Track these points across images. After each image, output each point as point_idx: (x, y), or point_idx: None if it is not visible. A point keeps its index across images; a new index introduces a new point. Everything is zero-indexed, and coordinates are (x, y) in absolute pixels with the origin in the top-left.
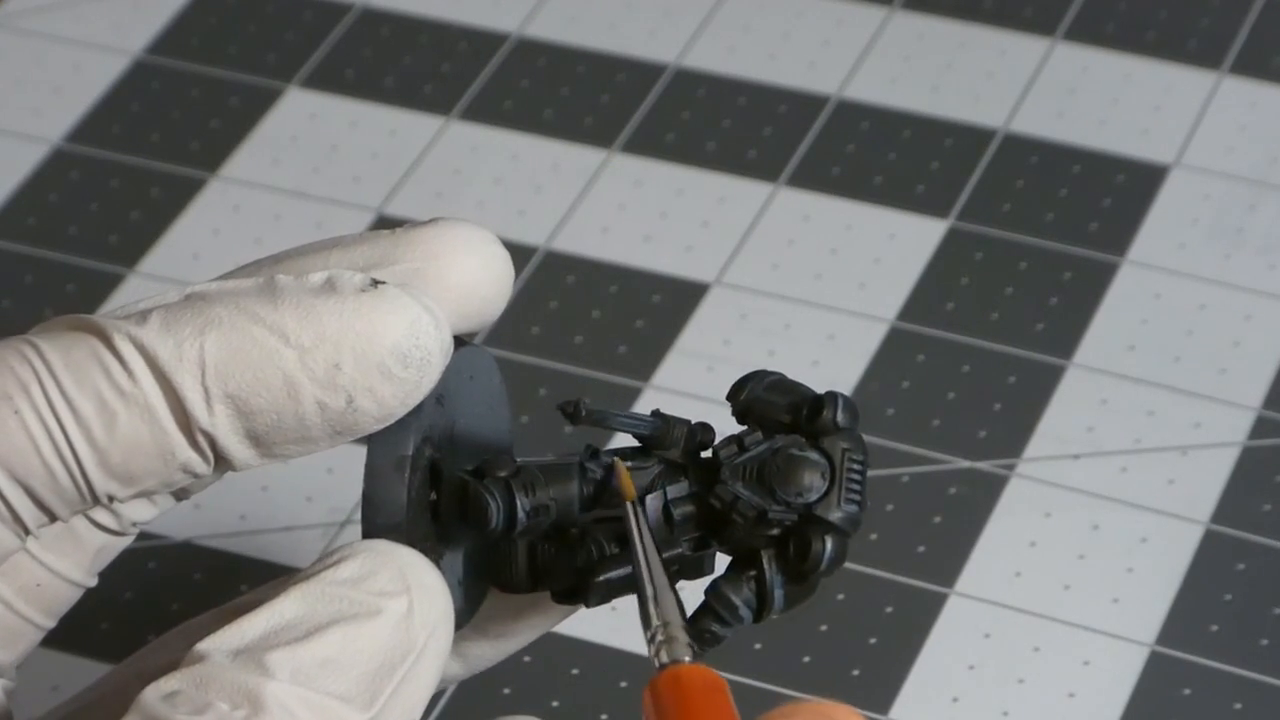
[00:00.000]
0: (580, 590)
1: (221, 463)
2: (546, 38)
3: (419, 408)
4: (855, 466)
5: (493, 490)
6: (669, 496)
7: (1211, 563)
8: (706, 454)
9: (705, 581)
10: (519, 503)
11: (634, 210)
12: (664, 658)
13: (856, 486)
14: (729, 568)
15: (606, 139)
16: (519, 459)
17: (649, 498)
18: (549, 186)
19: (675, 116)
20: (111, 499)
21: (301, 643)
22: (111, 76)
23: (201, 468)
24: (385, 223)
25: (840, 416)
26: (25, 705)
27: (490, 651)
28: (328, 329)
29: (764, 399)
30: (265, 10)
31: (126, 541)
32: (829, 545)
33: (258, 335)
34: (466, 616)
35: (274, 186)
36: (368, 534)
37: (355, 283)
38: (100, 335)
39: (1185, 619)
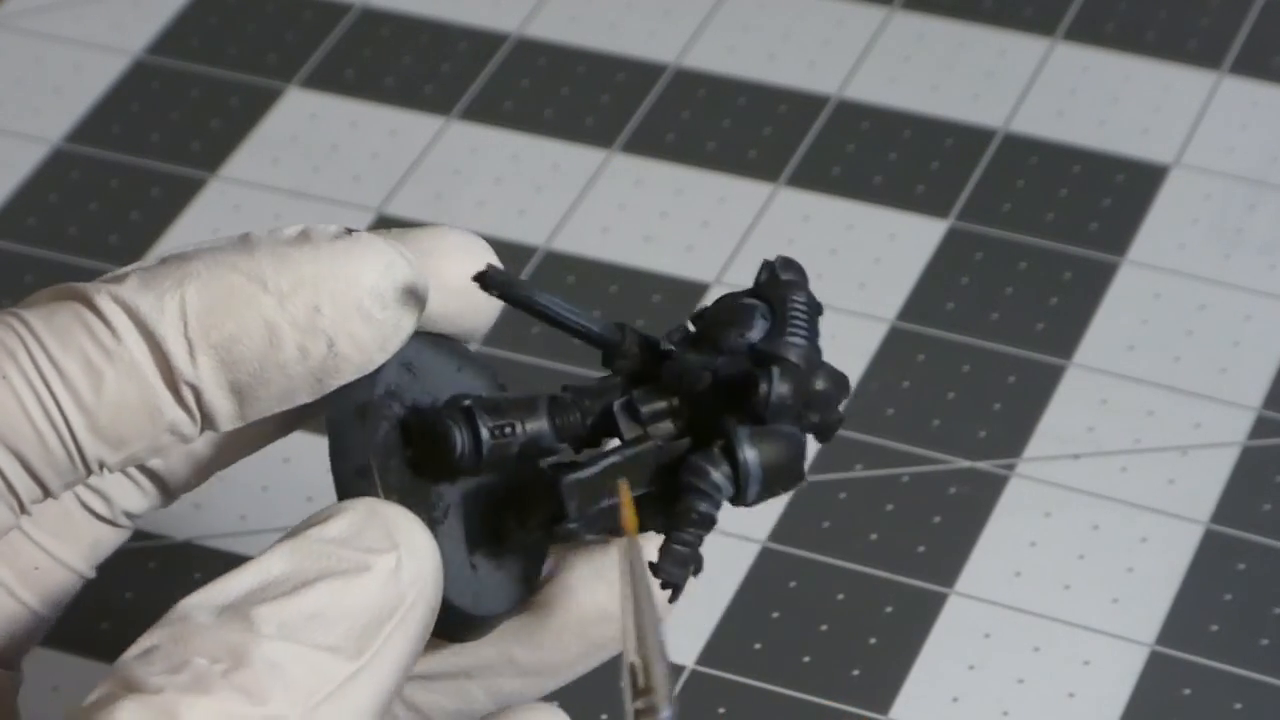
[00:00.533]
0: (560, 518)
1: (207, 422)
2: (546, 38)
3: (381, 366)
4: (798, 303)
5: (454, 416)
6: (636, 401)
7: (1211, 563)
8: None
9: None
10: (480, 422)
11: (634, 210)
12: None
13: (800, 320)
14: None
15: (606, 139)
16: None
17: (616, 404)
18: (549, 186)
19: (675, 116)
20: (102, 466)
21: (288, 597)
22: (111, 76)
23: (188, 427)
24: (385, 223)
25: (781, 272)
26: (24, 706)
27: (519, 686)
28: (305, 273)
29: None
30: (265, 10)
31: (123, 537)
32: (775, 375)
33: (236, 283)
34: (488, 593)
35: (274, 186)
36: (339, 485)
37: (330, 232)
38: (82, 298)
39: (1185, 619)
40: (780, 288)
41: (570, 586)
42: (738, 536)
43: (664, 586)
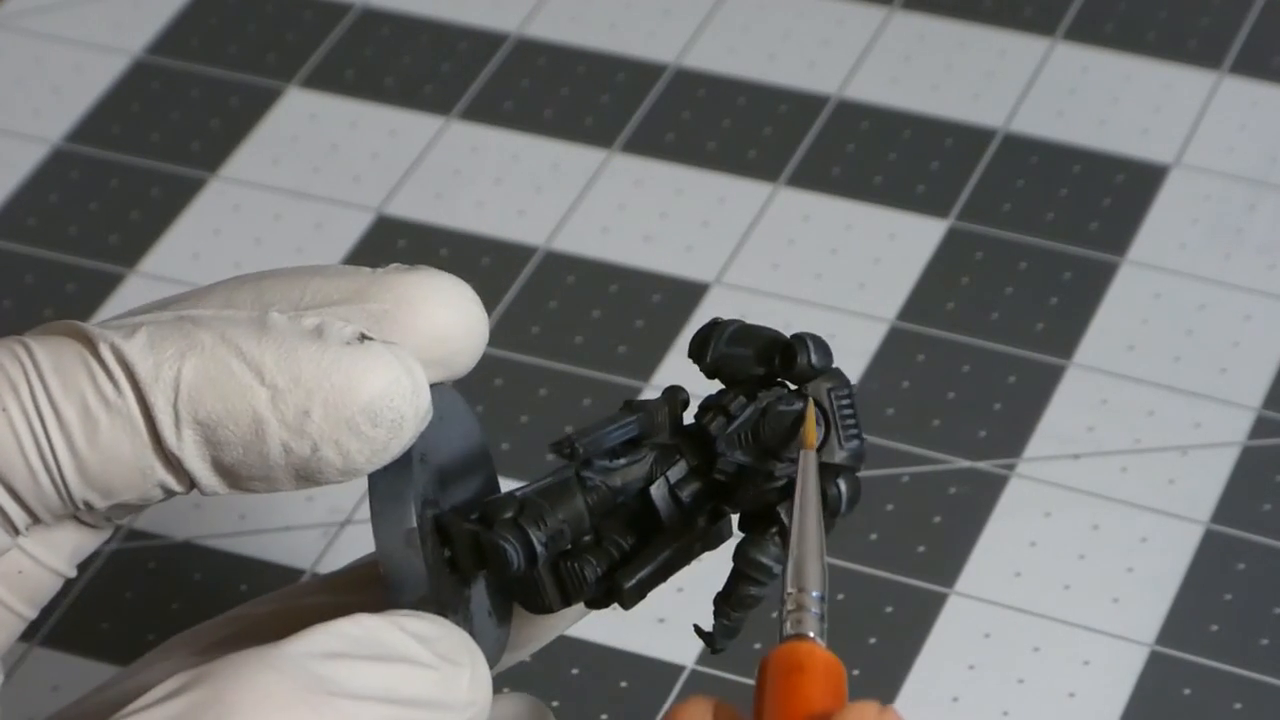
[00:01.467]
0: (613, 594)
1: (195, 486)
2: (546, 38)
3: (409, 475)
4: (845, 403)
5: (505, 535)
6: (671, 481)
7: (1211, 563)
8: (689, 419)
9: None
10: (534, 538)
11: (634, 210)
12: (788, 629)
13: (851, 422)
14: (748, 528)
15: (606, 139)
16: (517, 491)
17: (653, 488)
18: (549, 186)
19: (675, 116)
20: (90, 507)
21: (366, 662)
22: (111, 76)
23: (177, 487)
24: (385, 223)
25: (815, 358)
26: (24, 705)
27: (510, 659)
28: (304, 374)
29: (730, 354)
30: (265, 10)
31: (104, 537)
32: (844, 488)
33: (235, 368)
34: (504, 642)
35: (274, 186)
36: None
37: (344, 334)
38: (88, 343)
39: (1185, 619)
40: (820, 381)
41: None
42: (738, 535)
43: (714, 651)
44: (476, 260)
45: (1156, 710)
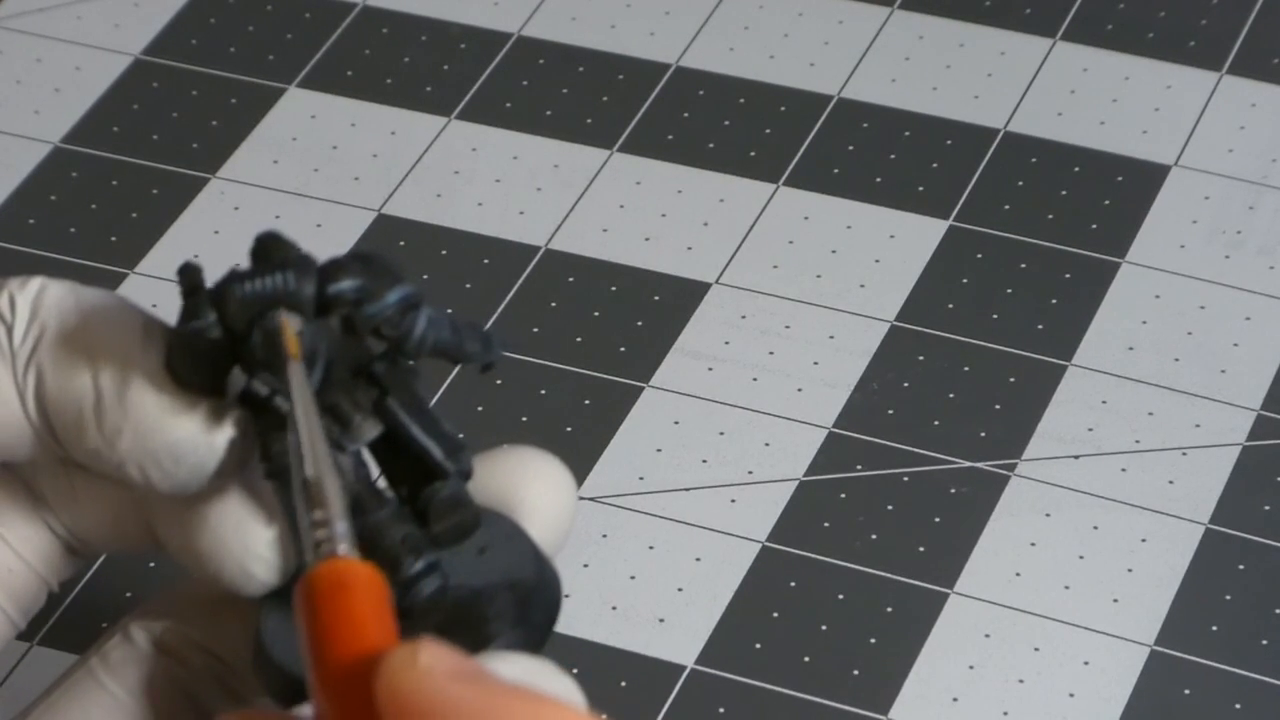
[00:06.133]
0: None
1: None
2: (546, 38)
3: None
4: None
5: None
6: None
7: (1211, 563)
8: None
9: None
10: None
11: (634, 210)
12: (322, 551)
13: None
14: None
15: (606, 139)
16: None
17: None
18: (549, 186)
19: (675, 116)
20: None
21: None
22: (111, 76)
23: (33, 446)
24: (385, 222)
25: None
26: (20, 706)
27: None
28: (130, 394)
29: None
30: (265, 10)
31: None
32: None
33: (82, 360)
34: None
35: (274, 186)
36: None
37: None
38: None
39: (1185, 619)
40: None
41: None
42: (738, 536)
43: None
44: (477, 260)
45: (1156, 710)
